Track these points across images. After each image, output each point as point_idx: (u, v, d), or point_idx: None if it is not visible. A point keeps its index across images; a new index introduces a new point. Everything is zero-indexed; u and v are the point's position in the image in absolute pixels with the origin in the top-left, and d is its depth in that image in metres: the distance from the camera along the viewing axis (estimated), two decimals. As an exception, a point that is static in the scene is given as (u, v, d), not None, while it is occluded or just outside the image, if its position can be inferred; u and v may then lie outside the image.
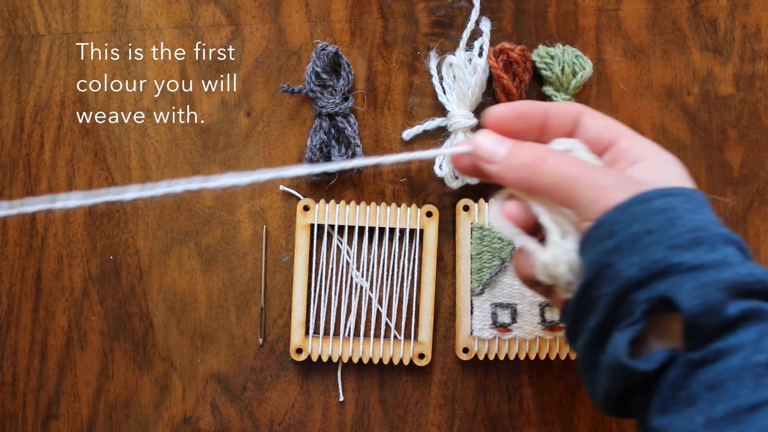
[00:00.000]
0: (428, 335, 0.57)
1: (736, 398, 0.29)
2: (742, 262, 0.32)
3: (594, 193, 0.35)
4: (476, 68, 0.56)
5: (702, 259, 0.32)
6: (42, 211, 0.58)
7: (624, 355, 0.32)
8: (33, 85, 0.58)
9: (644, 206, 0.33)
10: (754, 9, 0.58)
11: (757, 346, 0.30)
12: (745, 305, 0.31)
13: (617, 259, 0.33)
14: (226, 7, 0.58)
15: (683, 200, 0.34)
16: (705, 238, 0.32)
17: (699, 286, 0.31)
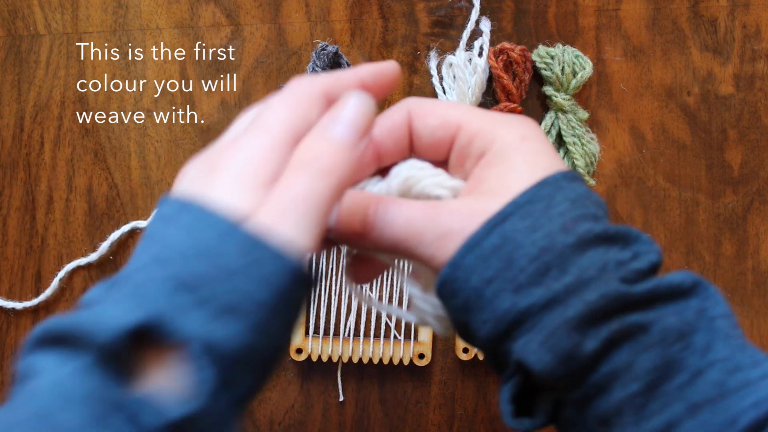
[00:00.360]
0: (428, 335, 0.57)
1: None
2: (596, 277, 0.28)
3: (432, 247, 0.30)
4: (476, 68, 0.56)
5: (552, 290, 0.28)
6: (42, 210, 0.58)
7: (509, 417, 0.30)
8: (33, 85, 0.58)
9: (477, 252, 0.29)
10: (754, 9, 0.58)
11: (630, 372, 0.27)
12: (605, 332, 0.28)
13: (470, 318, 0.30)
14: (226, 7, 0.58)
15: (521, 217, 0.30)
16: (552, 261, 0.29)
17: (547, 337, 0.28)
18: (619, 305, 0.28)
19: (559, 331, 0.28)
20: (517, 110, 0.56)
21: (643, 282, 0.29)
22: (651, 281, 0.29)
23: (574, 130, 0.56)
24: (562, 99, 0.56)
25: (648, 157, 0.58)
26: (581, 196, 0.31)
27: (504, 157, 0.32)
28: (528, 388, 0.30)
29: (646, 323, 0.28)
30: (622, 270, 0.29)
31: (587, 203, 0.31)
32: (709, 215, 0.58)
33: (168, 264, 0.27)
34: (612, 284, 0.28)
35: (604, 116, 0.58)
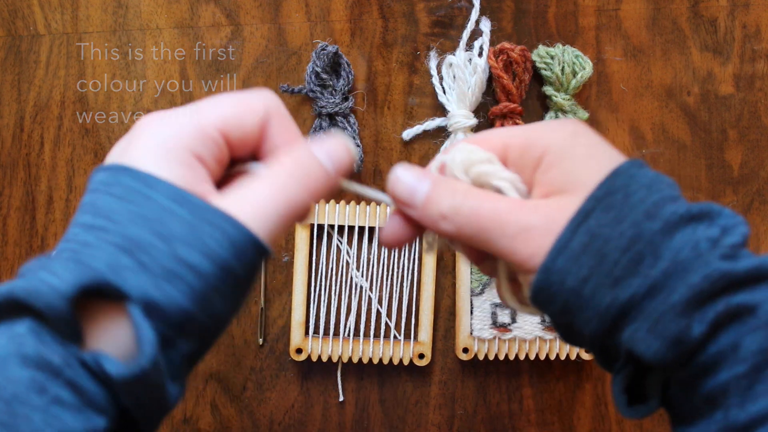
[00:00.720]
0: (428, 335, 0.57)
1: (726, 417, 0.28)
2: (691, 257, 0.28)
3: (514, 240, 0.31)
4: (476, 68, 0.56)
5: (650, 278, 0.28)
6: (42, 210, 0.58)
7: (623, 407, 0.31)
8: (33, 85, 0.58)
9: (567, 254, 0.30)
10: (754, 9, 0.58)
11: (736, 353, 0.28)
12: (711, 314, 0.28)
13: (572, 319, 0.30)
14: (226, 7, 0.58)
15: (603, 210, 0.30)
16: (644, 249, 0.29)
17: (653, 325, 0.28)
18: (724, 284, 0.28)
19: (666, 316, 0.28)
20: (517, 110, 0.56)
21: (743, 259, 0.29)
22: (752, 259, 0.29)
23: (574, 130, 0.56)
24: (562, 99, 0.56)
25: (648, 156, 0.58)
26: (654, 181, 0.31)
27: (564, 156, 0.32)
28: (637, 375, 0.31)
29: (753, 304, 0.28)
30: (719, 247, 0.29)
31: (662, 186, 0.31)
32: (709, 215, 0.58)
33: (108, 231, 0.28)
34: (713, 263, 0.28)
35: (604, 116, 0.58)
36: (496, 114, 0.57)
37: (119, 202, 0.29)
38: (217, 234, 0.29)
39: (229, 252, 0.29)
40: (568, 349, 0.57)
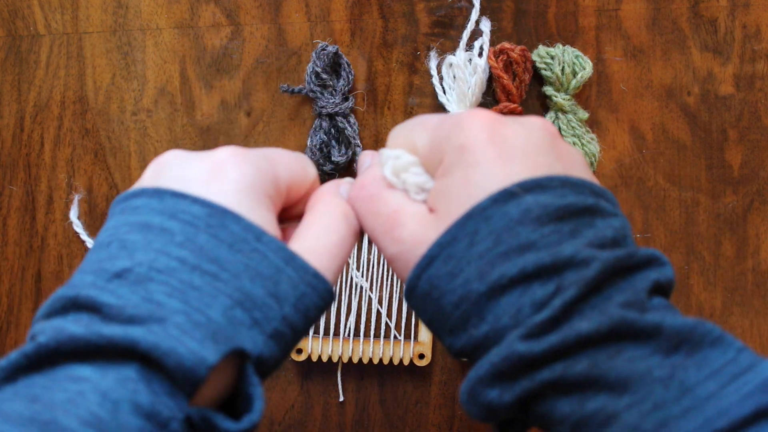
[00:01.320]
0: (428, 335, 0.57)
1: None
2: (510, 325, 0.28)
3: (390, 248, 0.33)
4: (476, 68, 0.56)
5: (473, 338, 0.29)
6: (42, 210, 0.58)
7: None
8: (33, 85, 0.58)
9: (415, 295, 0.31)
10: (754, 9, 0.58)
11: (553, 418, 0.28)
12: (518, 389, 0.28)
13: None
14: (226, 7, 0.58)
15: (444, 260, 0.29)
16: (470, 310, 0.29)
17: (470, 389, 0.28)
18: (525, 364, 0.27)
19: (478, 385, 0.28)
20: (517, 110, 0.56)
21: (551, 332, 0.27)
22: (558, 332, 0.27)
23: (574, 131, 0.56)
24: (562, 99, 0.56)
25: (648, 157, 0.58)
26: (513, 222, 0.28)
27: (446, 173, 0.31)
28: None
29: (555, 378, 0.27)
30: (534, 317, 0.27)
31: (519, 230, 0.28)
32: (709, 215, 0.58)
33: (221, 279, 0.28)
34: (515, 343, 0.27)
35: (604, 116, 0.58)
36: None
37: (230, 251, 0.29)
38: (316, 299, 0.31)
39: (320, 312, 0.32)
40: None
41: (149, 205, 0.29)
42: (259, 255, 0.29)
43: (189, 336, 0.27)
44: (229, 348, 0.27)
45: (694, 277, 0.58)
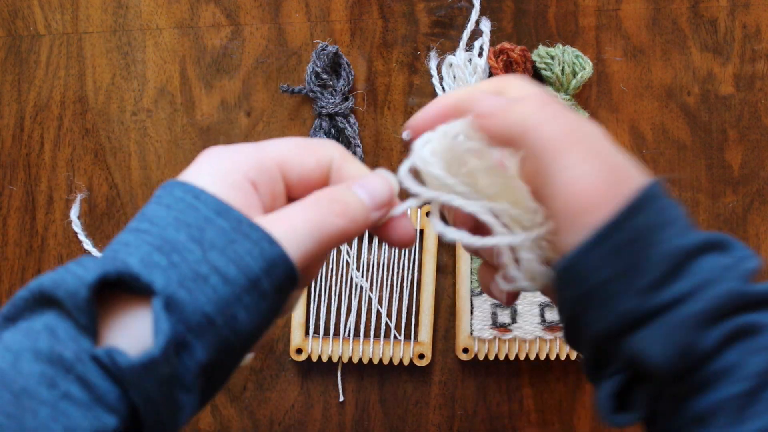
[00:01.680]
0: (428, 335, 0.57)
1: None
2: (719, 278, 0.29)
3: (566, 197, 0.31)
4: (476, 68, 0.56)
5: (678, 291, 0.29)
6: (42, 210, 0.58)
7: (607, 411, 0.30)
8: (33, 85, 0.58)
9: (608, 245, 0.29)
10: (754, 9, 0.58)
11: (739, 371, 0.28)
12: (724, 329, 0.28)
13: (585, 311, 0.30)
14: (226, 7, 0.58)
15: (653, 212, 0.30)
16: (679, 263, 0.29)
17: (666, 333, 0.28)
18: (742, 303, 0.29)
19: (680, 326, 0.28)
20: (517, 110, 0.56)
21: (759, 284, 0.29)
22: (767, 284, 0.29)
23: (574, 130, 0.56)
24: (562, 99, 0.56)
25: (648, 157, 0.58)
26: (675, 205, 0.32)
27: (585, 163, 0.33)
28: (627, 384, 0.31)
29: (761, 325, 0.28)
30: (738, 271, 0.29)
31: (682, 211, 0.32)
32: (709, 215, 0.58)
33: (149, 233, 0.29)
34: (733, 282, 0.29)
35: (604, 116, 0.58)
36: (496, 114, 0.57)
37: (165, 209, 0.30)
38: (249, 245, 0.29)
39: (260, 266, 0.29)
40: (568, 349, 0.57)
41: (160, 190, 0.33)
42: (191, 209, 0.30)
43: (84, 268, 0.27)
44: (114, 268, 0.27)
45: (694, 277, 0.58)
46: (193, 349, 0.28)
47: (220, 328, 0.29)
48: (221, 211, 0.30)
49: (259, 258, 0.29)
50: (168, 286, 0.28)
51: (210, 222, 0.30)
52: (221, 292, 0.28)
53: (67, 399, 0.26)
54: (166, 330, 0.27)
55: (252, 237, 0.30)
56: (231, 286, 0.29)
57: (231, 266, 0.29)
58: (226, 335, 0.29)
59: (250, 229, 0.30)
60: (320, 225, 0.31)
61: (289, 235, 0.30)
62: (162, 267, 0.28)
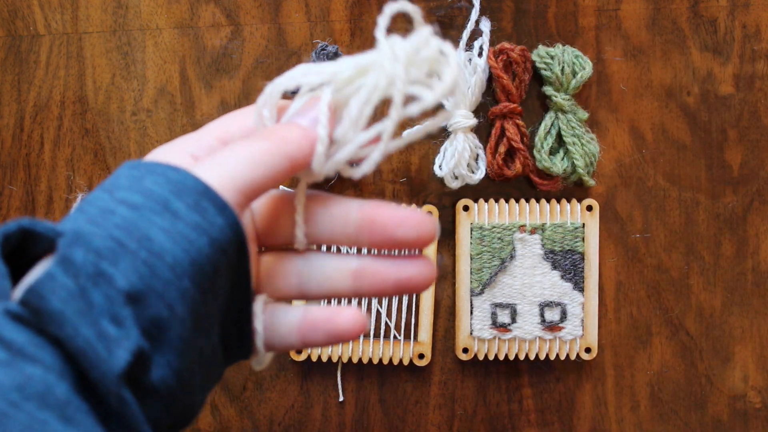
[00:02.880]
0: (428, 335, 0.57)
1: None
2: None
3: None
4: (476, 68, 0.56)
5: None
6: (42, 210, 0.58)
7: None
8: (33, 85, 0.58)
9: None
10: (754, 9, 0.58)
11: None
12: None
13: None
14: (226, 7, 0.58)
15: None
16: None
17: None
18: None
19: None
20: (516, 110, 0.56)
21: None
22: None
23: (574, 130, 0.56)
24: (562, 99, 0.56)
25: (648, 157, 0.58)
26: None
27: None
28: None
29: None
30: None
31: None
32: (709, 215, 0.58)
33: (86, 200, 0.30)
34: None
35: (604, 116, 0.58)
36: (496, 114, 0.57)
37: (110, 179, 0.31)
38: (154, 177, 0.29)
39: (167, 188, 0.29)
40: (568, 348, 0.57)
41: None
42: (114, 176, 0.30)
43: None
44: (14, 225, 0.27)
45: (694, 277, 0.58)
46: (111, 277, 0.27)
47: (135, 252, 0.27)
48: (134, 165, 0.30)
49: (164, 183, 0.29)
50: (75, 225, 0.27)
51: (122, 175, 0.30)
52: (128, 217, 0.28)
53: None
54: (62, 250, 0.26)
55: (158, 171, 0.29)
56: (138, 210, 0.28)
57: (136, 195, 0.28)
58: (145, 258, 0.27)
59: (157, 165, 0.30)
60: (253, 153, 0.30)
61: (217, 165, 0.30)
62: (72, 218, 0.28)
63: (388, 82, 0.30)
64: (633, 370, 0.58)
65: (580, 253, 0.56)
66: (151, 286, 0.27)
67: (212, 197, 0.29)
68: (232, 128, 0.33)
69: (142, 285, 0.27)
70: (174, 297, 0.28)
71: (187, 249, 0.28)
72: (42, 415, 0.24)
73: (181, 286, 0.28)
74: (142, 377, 0.27)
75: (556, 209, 0.57)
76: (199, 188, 0.29)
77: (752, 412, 0.58)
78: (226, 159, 0.30)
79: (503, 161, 0.57)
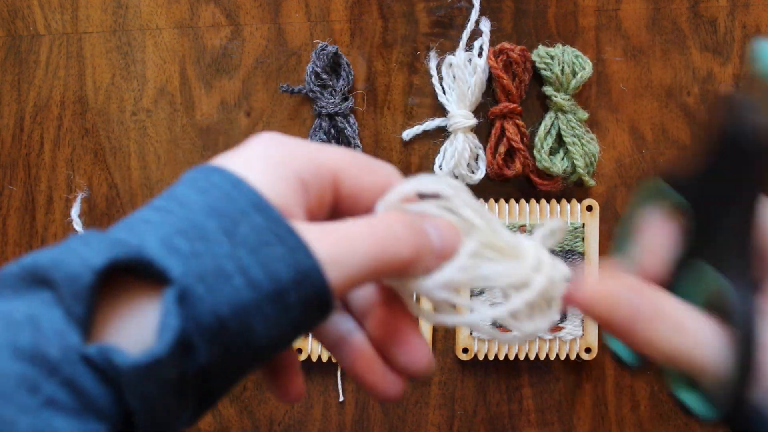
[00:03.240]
0: (428, 335, 0.57)
1: None
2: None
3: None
4: (476, 68, 0.56)
5: None
6: (42, 210, 0.58)
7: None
8: (33, 85, 0.58)
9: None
10: (754, 9, 0.58)
11: None
12: None
13: None
14: (226, 7, 0.58)
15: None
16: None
17: None
18: None
19: None
20: (516, 110, 0.56)
21: None
22: None
23: (574, 130, 0.56)
24: (562, 99, 0.56)
25: (648, 157, 0.58)
26: None
27: None
28: None
29: None
30: None
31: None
32: (709, 215, 0.58)
33: (175, 213, 0.26)
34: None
35: (604, 116, 0.58)
36: (496, 114, 0.57)
37: (198, 193, 0.26)
38: (283, 251, 0.25)
39: (291, 276, 0.25)
40: (568, 348, 0.57)
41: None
42: (228, 198, 0.26)
43: (90, 247, 0.24)
44: (127, 253, 0.23)
45: (694, 277, 0.58)
46: (196, 352, 0.24)
47: (232, 336, 0.25)
48: (261, 206, 0.26)
49: (292, 267, 0.25)
50: (186, 277, 0.24)
51: (246, 215, 0.26)
52: (243, 296, 0.25)
53: (50, 406, 0.22)
54: (174, 327, 0.23)
55: (288, 243, 0.26)
56: (255, 291, 0.25)
57: (259, 270, 0.25)
58: (237, 344, 0.25)
59: (288, 234, 0.26)
60: (382, 250, 0.27)
61: (340, 256, 0.26)
62: (184, 254, 0.24)
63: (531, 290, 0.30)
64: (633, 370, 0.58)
65: (580, 253, 0.56)
66: (227, 370, 0.26)
67: (326, 306, 0.26)
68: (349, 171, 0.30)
69: (221, 367, 0.25)
70: (241, 375, 0.27)
71: (276, 343, 0.26)
72: None
73: (253, 366, 0.27)
74: None
75: (556, 209, 0.57)
76: (321, 293, 0.26)
77: (752, 412, 0.58)
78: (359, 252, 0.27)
79: (503, 161, 0.57)
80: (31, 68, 0.58)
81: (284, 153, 0.29)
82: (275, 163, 0.28)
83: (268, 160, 0.28)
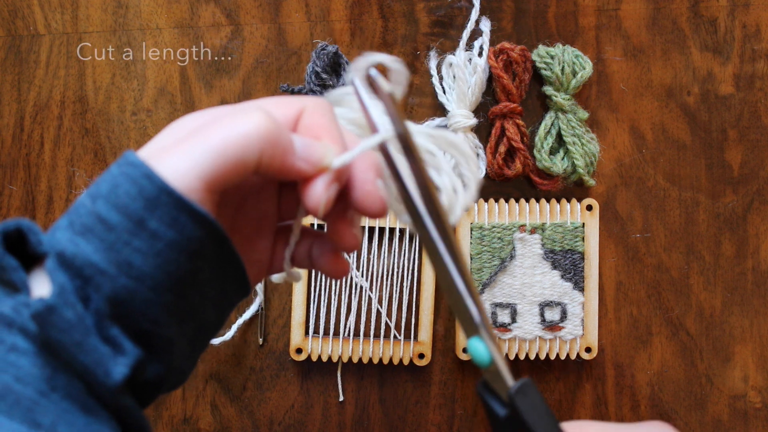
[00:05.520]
0: (428, 335, 0.57)
1: None
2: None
3: None
4: (476, 68, 0.56)
5: None
6: (42, 210, 0.58)
7: None
8: (33, 85, 0.58)
9: None
10: (754, 9, 0.58)
11: None
12: None
13: None
14: (226, 7, 0.58)
15: None
16: None
17: None
18: None
19: None
20: (517, 110, 0.56)
21: None
22: None
23: (574, 130, 0.56)
24: (562, 99, 0.56)
25: (648, 157, 0.58)
26: None
27: None
28: None
29: None
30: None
31: None
32: (709, 215, 0.58)
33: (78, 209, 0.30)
34: None
35: (604, 116, 0.58)
36: (496, 114, 0.57)
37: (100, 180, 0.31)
38: (128, 186, 0.28)
39: (140, 206, 0.28)
40: (568, 348, 0.57)
41: None
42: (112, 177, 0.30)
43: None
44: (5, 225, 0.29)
45: (694, 277, 0.58)
46: (92, 300, 0.28)
47: (114, 276, 0.28)
48: (121, 161, 0.30)
49: (138, 197, 0.28)
50: (57, 244, 0.28)
51: (107, 174, 0.30)
52: (105, 238, 0.28)
53: (14, 351, 0.27)
54: (60, 281, 0.28)
55: (132, 176, 0.28)
56: (113, 230, 0.28)
57: (112, 212, 0.28)
58: (125, 283, 0.28)
59: (131, 167, 0.29)
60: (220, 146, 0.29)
61: (179, 165, 0.29)
62: (62, 228, 0.29)
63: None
64: (633, 369, 0.58)
65: (580, 252, 0.56)
66: (134, 308, 0.29)
67: (188, 210, 0.28)
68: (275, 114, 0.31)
69: (124, 308, 0.28)
70: (156, 312, 0.29)
71: (167, 270, 0.29)
72: (65, 404, 0.27)
73: (162, 301, 0.29)
74: (139, 378, 0.30)
75: (556, 209, 0.57)
76: (178, 203, 0.28)
77: (752, 412, 0.58)
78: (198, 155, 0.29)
79: (503, 161, 0.57)
80: (31, 68, 0.58)
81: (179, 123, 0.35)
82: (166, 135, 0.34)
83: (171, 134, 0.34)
